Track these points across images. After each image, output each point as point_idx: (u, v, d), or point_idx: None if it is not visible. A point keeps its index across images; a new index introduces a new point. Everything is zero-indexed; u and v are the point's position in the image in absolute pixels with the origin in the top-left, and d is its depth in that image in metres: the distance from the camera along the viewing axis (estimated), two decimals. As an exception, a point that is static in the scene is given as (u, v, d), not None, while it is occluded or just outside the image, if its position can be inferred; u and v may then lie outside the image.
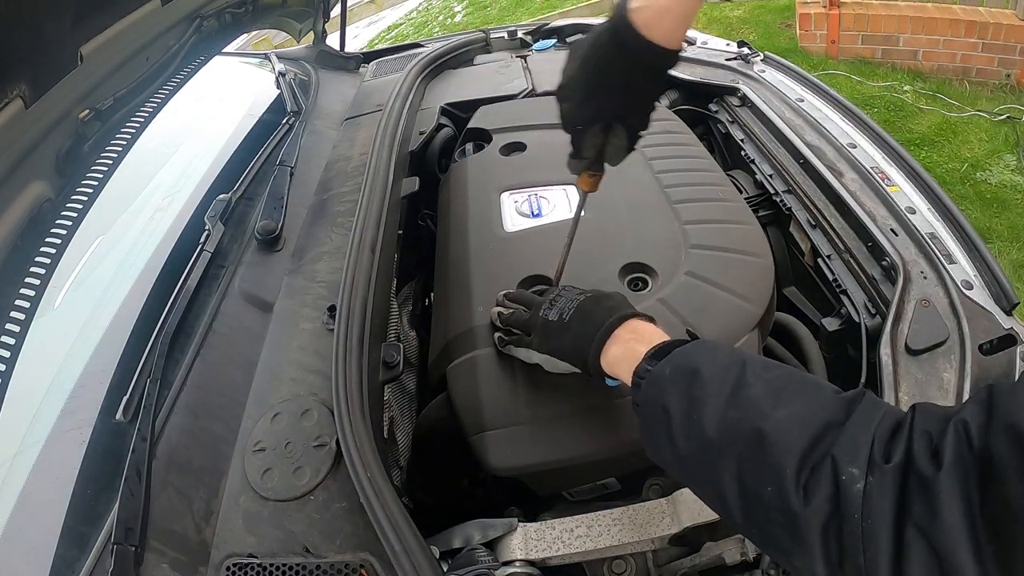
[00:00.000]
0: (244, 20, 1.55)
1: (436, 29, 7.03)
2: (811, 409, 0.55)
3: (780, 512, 0.52)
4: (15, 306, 0.79)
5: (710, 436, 0.58)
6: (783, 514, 0.52)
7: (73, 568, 0.83)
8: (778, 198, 1.29)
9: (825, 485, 0.50)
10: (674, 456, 0.63)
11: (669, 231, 1.08)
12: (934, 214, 1.14)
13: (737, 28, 4.70)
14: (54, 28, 0.82)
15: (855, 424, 0.53)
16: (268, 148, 1.56)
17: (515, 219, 1.17)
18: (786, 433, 0.54)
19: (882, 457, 0.49)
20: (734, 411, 0.58)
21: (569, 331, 0.79)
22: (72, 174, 0.93)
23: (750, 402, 0.58)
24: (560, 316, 0.81)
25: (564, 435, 0.86)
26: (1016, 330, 0.94)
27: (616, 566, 0.85)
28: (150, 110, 1.10)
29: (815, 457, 0.52)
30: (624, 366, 0.71)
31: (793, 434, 0.54)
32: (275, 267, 1.22)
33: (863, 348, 1.01)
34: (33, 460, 0.95)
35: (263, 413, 0.95)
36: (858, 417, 0.53)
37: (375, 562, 0.79)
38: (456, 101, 1.66)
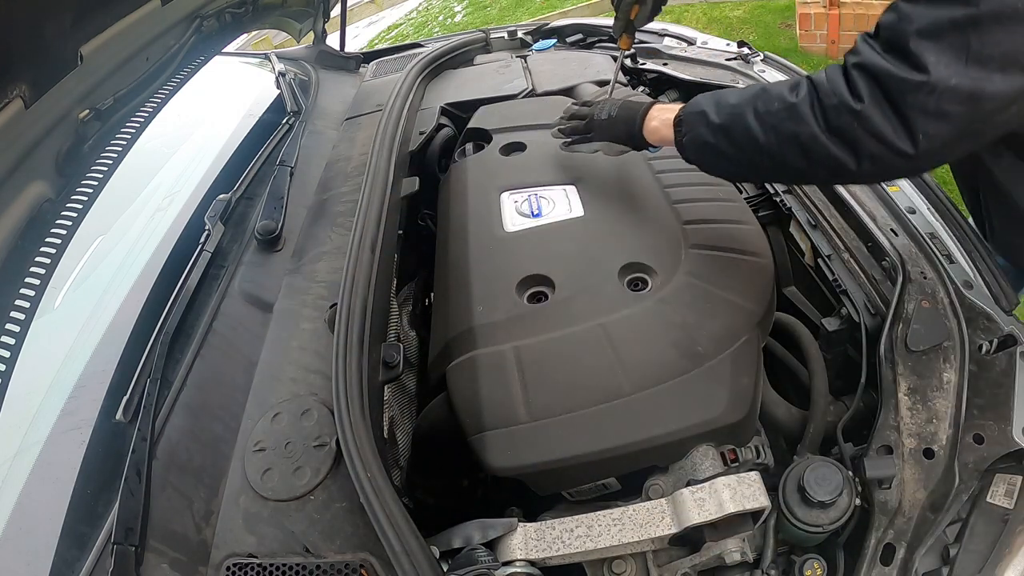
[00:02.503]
0: (244, 20, 1.55)
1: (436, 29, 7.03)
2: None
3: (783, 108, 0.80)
4: (15, 306, 0.79)
5: (733, 103, 0.87)
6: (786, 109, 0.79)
7: (73, 568, 0.83)
8: (778, 198, 1.29)
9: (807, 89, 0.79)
10: (711, 132, 0.89)
11: (669, 231, 1.08)
12: (934, 214, 1.14)
13: (737, 28, 4.70)
14: (54, 28, 0.82)
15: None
16: (268, 148, 1.56)
17: (515, 219, 1.17)
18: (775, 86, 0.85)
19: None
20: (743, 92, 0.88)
21: (619, 120, 1.11)
22: (72, 174, 0.93)
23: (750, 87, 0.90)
24: (609, 114, 1.13)
25: (564, 435, 0.86)
26: (1016, 330, 0.94)
27: (616, 566, 0.85)
28: (150, 110, 1.10)
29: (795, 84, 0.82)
30: (663, 127, 1.03)
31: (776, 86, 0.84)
32: (275, 267, 1.22)
33: (863, 348, 1.01)
34: (33, 460, 0.95)
35: (263, 413, 0.95)
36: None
37: (375, 562, 0.79)
38: (456, 101, 1.66)
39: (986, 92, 0.67)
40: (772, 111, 0.81)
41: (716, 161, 0.93)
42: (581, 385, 0.90)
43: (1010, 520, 0.80)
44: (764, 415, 1.02)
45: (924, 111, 0.69)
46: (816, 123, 0.76)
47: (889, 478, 0.84)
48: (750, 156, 0.86)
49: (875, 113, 0.71)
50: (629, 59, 1.79)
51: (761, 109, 0.83)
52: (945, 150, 0.73)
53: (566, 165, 1.27)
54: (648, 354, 0.91)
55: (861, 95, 0.72)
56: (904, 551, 0.81)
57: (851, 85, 0.73)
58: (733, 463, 0.89)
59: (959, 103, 0.68)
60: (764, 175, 0.97)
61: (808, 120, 0.76)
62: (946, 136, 0.70)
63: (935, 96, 0.68)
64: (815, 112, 0.76)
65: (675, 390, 0.88)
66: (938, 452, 0.86)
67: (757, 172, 0.96)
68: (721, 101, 0.90)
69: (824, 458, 0.84)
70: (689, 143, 0.94)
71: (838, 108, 0.74)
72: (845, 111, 0.73)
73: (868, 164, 0.74)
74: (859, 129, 0.72)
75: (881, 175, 0.80)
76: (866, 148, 0.73)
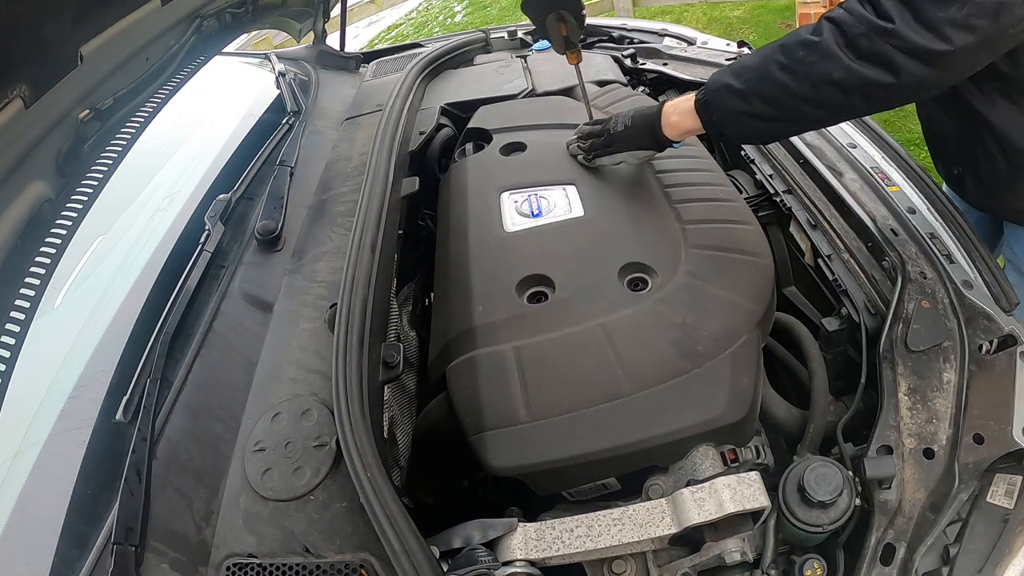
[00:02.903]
0: (244, 20, 1.55)
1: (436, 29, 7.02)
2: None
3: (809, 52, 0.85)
4: (15, 306, 0.79)
5: (753, 66, 0.92)
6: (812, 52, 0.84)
7: (73, 568, 0.83)
8: (778, 198, 1.29)
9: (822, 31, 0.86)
10: (742, 99, 0.93)
11: (669, 231, 1.08)
12: (934, 214, 1.14)
13: (737, 28, 4.70)
14: (54, 28, 0.82)
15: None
16: (268, 148, 1.56)
17: (515, 219, 1.17)
18: (790, 37, 0.90)
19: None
20: (757, 55, 0.93)
21: (636, 128, 1.13)
22: (72, 174, 0.93)
23: (760, 49, 0.95)
24: (624, 124, 1.15)
25: (564, 435, 0.86)
26: (1016, 330, 0.94)
27: (616, 566, 0.84)
28: (150, 110, 1.10)
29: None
30: (684, 119, 1.05)
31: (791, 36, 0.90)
32: (275, 267, 1.22)
33: (863, 348, 1.01)
34: (33, 460, 0.95)
35: (263, 413, 0.95)
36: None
37: (375, 562, 0.79)
38: (456, 101, 1.66)
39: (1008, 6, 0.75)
40: (798, 58, 0.86)
41: (755, 126, 0.95)
42: (581, 385, 0.90)
43: (1010, 520, 0.80)
44: (764, 415, 1.02)
45: (953, 23, 0.76)
46: (846, 55, 0.81)
47: (889, 478, 0.84)
48: (788, 109, 0.90)
49: (907, 30, 0.77)
50: (629, 59, 1.79)
51: (786, 60, 0.87)
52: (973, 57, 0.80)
53: (566, 165, 1.27)
54: (648, 354, 0.91)
55: (891, 16, 0.78)
56: (904, 551, 0.81)
57: (879, 9, 0.79)
58: (733, 463, 0.89)
59: (984, 16, 0.76)
60: (806, 123, 0.98)
61: (837, 55, 0.82)
62: (972, 46, 0.77)
63: (964, 10, 0.75)
64: (840, 46, 0.81)
65: (675, 390, 0.88)
66: (938, 452, 0.86)
67: (798, 123, 0.97)
68: (740, 69, 0.94)
69: (824, 458, 0.84)
70: (722, 119, 0.97)
71: (868, 35, 0.79)
72: (878, 34, 0.79)
73: (907, 78, 0.80)
74: (892, 48, 0.78)
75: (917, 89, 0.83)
76: (902, 63, 0.79)
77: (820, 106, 0.88)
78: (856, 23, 0.81)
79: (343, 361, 0.91)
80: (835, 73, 0.82)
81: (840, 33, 0.82)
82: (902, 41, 0.78)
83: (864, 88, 0.82)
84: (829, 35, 0.83)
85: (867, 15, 0.80)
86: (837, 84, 0.83)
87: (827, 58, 0.83)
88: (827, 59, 0.83)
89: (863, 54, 0.80)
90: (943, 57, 0.77)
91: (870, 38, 0.79)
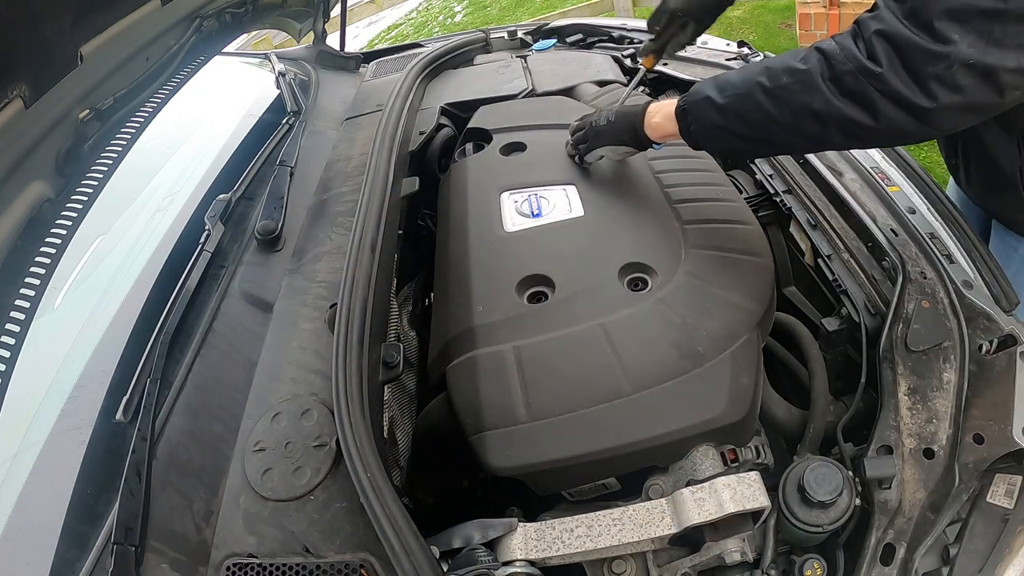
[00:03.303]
0: (244, 20, 1.55)
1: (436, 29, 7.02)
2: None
3: (793, 80, 0.83)
4: (15, 306, 0.79)
5: (737, 82, 0.91)
6: (796, 81, 0.83)
7: (73, 568, 0.83)
8: (778, 198, 1.29)
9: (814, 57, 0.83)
10: (720, 114, 0.92)
11: (669, 231, 1.08)
12: (934, 214, 1.14)
13: (737, 28, 4.70)
14: (54, 28, 0.82)
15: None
16: (268, 148, 1.56)
17: (515, 219, 1.17)
18: (777, 60, 0.89)
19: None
20: (744, 72, 0.92)
21: (618, 123, 1.13)
22: (72, 174, 0.93)
23: (749, 65, 0.96)
24: (608, 120, 1.15)
25: (564, 435, 0.86)
26: (1016, 330, 0.94)
27: (616, 566, 0.84)
28: (150, 110, 1.10)
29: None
30: (665, 122, 1.04)
31: (778, 59, 0.89)
32: (275, 267, 1.22)
33: (863, 348, 1.01)
34: (33, 460, 0.95)
35: (263, 413, 0.95)
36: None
37: (375, 562, 0.79)
38: (456, 101, 1.66)
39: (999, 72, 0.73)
40: (781, 84, 0.85)
41: (731, 143, 0.95)
42: (581, 385, 0.90)
43: (1010, 520, 0.80)
44: (764, 415, 1.02)
45: (940, 80, 0.74)
46: (828, 89, 0.80)
47: (889, 478, 0.84)
48: (765, 131, 0.89)
49: (893, 77, 0.76)
50: (629, 59, 1.79)
51: (770, 84, 0.86)
52: (955, 117, 0.78)
53: (566, 165, 1.27)
54: (648, 354, 0.91)
55: (880, 60, 0.77)
56: (904, 551, 0.81)
57: (870, 50, 0.78)
58: (733, 463, 0.89)
59: (973, 77, 0.74)
60: (779, 148, 0.98)
61: (820, 88, 0.81)
62: (957, 105, 0.76)
63: (953, 69, 0.73)
64: (825, 80, 0.80)
65: (675, 390, 0.88)
66: (938, 452, 0.86)
67: (774, 146, 0.98)
68: (723, 84, 0.93)
69: (824, 458, 0.84)
70: (698, 130, 0.97)
71: (854, 73, 0.78)
72: (863, 75, 0.78)
73: (886, 125, 0.79)
74: (875, 92, 0.77)
75: (894, 135, 0.82)
76: (882, 108, 0.78)
77: (797, 134, 0.87)
78: (845, 60, 0.79)
79: (343, 361, 0.91)
80: (815, 104, 0.81)
81: (827, 66, 0.81)
82: (886, 86, 0.77)
83: (842, 124, 0.82)
84: (816, 65, 0.82)
85: (856, 53, 0.79)
86: (816, 116, 0.82)
87: (809, 88, 0.82)
88: (809, 89, 0.82)
89: (846, 91, 0.79)
90: (925, 112, 0.76)
91: (856, 77, 0.78)
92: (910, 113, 0.77)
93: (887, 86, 0.76)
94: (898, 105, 0.77)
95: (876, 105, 0.78)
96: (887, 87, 0.76)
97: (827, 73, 0.80)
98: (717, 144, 1.00)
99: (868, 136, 0.83)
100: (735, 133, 0.92)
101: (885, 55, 0.76)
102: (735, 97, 0.90)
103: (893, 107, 0.77)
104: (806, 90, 0.82)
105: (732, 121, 0.91)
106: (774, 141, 0.92)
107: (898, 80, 0.76)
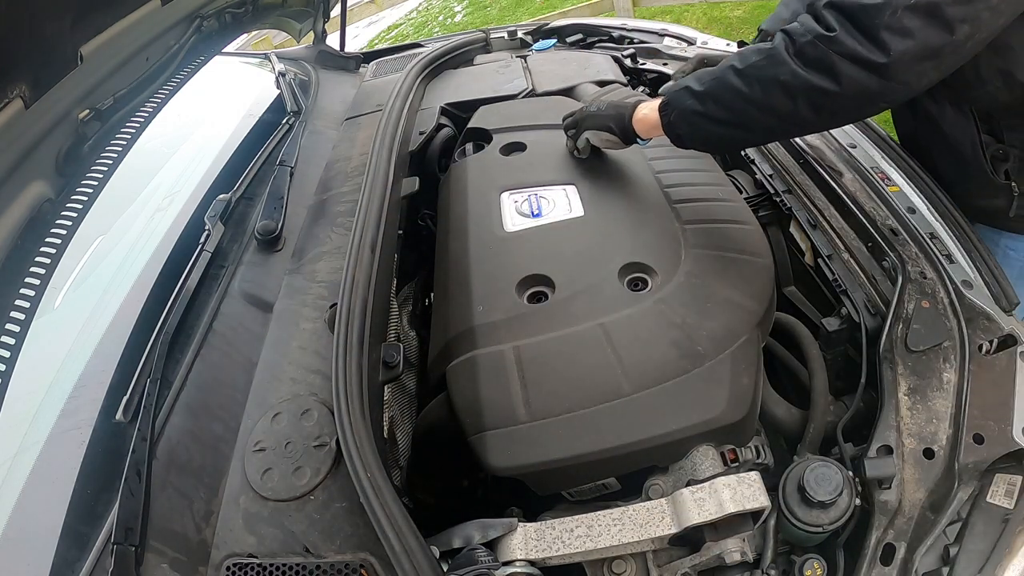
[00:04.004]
0: (244, 20, 1.55)
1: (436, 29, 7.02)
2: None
3: (762, 57, 0.89)
4: (15, 306, 0.79)
5: (713, 69, 0.96)
6: (764, 57, 0.89)
7: (73, 568, 0.83)
8: (778, 198, 1.29)
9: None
10: (699, 100, 0.96)
11: (669, 231, 1.08)
12: (934, 214, 1.14)
13: (737, 28, 4.70)
14: (54, 28, 0.82)
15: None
16: (268, 148, 1.56)
17: (515, 219, 1.17)
18: (750, 47, 0.97)
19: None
20: (721, 63, 0.96)
21: (608, 111, 1.16)
22: (72, 174, 0.93)
23: (728, 56, 0.98)
24: (598, 108, 1.19)
25: (564, 435, 0.86)
26: (1016, 330, 0.93)
27: (616, 566, 0.84)
28: (150, 110, 1.10)
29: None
30: (651, 114, 1.06)
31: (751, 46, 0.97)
32: (275, 267, 1.22)
33: (863, 348, 1.01)
34: (33, 460, 0.95)
35: (263, 413, 0.95)
36: None
37: (375, 562, 0.79)
38: (456, 101, 1.66)
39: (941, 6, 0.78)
40: (751, 63, 0.90)
41: (708, 128, 0.98)
42: (581, 385, 0.90)
43: (1010, 520, 0.80)
44: (764, 415, 1.02)
45: (889, 29, 0.79)
46: (793, 61, 0.85)
47: (889, 478, 0.84)
48: (740, 113, 0.93)
49: (847, 37, 0.81)
50: (629, 59, 1.79)
51: (741, 65, 0.91)
52: (913, 67, 0.81)
53: (566, 165, 1.27)
54: (648, 354, 0.91)
55: (833, 26, 0.83)
56: (904, 551, 0.81)
57: (824, 21, 0.84)
58: (733, 463, 0.89)
59: (919, 18, 0.78)
60: (756, 131, 0.99)
61: (786, 60, 0.86)
62: (912, 52, 0.80)
63: (898, 14, 0.78)
64: (790, 52, 0.86)
65: (675, 390, 0.88)
66: (938, 452, 0.86)
67: (749, 129, 0.98)
68: (701, 75, 0.98)
69: (824, 458, 0.84)
70: (677, 118, 1.01)
71: (813, 42, 0.84)
72: (821, 42, 0.83)
73: (849, 87, 0.83)
74: (834, 55, 0.82)
75: (861, 99, 0.86)
76: (843, 70, 0.82)
77: (768, 111, 0.90)
78: (805, 32, 0.85)
79: (343, 361, 0.91)
80: (782, 75, 0.86)
81: (790, 41, 0.86)
82: (842, 47, 0.81)
83: (809, 94, 0.86)
84: (780, 42, 0.87)
85: (814, 25, 0.85)
86: (784, 88, 0.87)
87: (776, 62, 0.87)
88: (776, 63, 0.87)
89: (809, 60, 0.84)
90: (883, 67, 0.80)
91: (815, 45, 0.84)
92: (869, 70, 0.81)
93: (843, 47, 0.81)
94: (856, 63, 0.81)
95: (837, 68, 0.82)
96: (843, 48, 0.81)
97: (791, 48, 0.86)
98: (696, 132, 1.01)
99: (835, 105, 0.86)
100: (712, 117, 0.96)
101: (837, 21, 0.82)
102: (711, 82, 0.95)
103: (852, 66, 0.82)
104: (773, 64, 0.87)
105: (709, 105, 0.95)
106: (748, 124, 0.95)
107: (852, 39, 0.81)
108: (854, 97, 0.85)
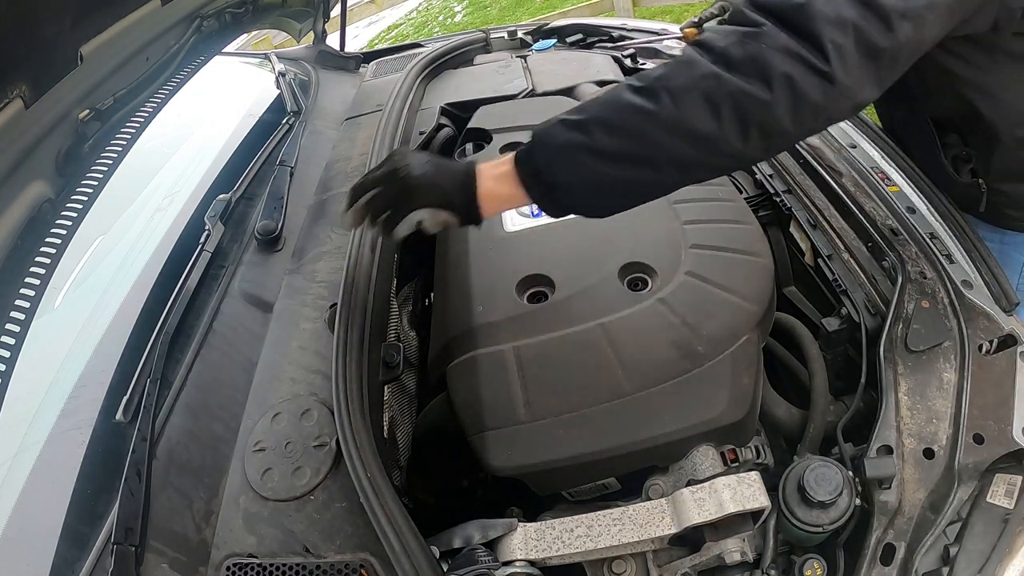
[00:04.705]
0: (244, 20, 1.54)
1: (436, 29, 7.02)
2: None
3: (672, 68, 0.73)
4: (15, 306, 0.79)
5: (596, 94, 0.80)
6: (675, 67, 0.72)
7: (73, 568, 0.83)
8: (778, 198, 1.29)
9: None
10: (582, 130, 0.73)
11: (669, 231, 1.08)
12: (934, 214, 1.14)
13: (737, 28, 4.69)
14: (54, 28, 0.82)
15: None
16: (268, 148, 1.56)
17: (515, 219, 1.17)
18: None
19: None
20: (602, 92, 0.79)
21: (439, 180, 0.83)
22: (72, 174, 0.93)
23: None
24: (423, 171, 0.83)
25: (564, 435, 0.86)
26: (1016, 330, 0.93)
27: (616, 566, 0.84)
28: (150, 110, 1.10)
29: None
30: (502, 180, 0.79)
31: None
32: (275, 267, 1.22)
33: (863, 348, 1.01)
34: (33, 460, 0.95)
35: (263, 413, 0.95)
36: None
37: (375, 562, 0.79)
38: (456, 101, 1.66)
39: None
40: (657, 76, 0.72)
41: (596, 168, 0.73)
42: (581, 385, 0.90)
43: (1010, 520, 0.80)
44: (764, 415, 1.02)
45: (825, 19, 0.66)
46: (716, 67, 0.68)
47: (889, 478, 0.84)
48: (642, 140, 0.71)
49: (779, 33, 0.67)
50: (629, 59, 1.79)
51: (640, 83, 0.72)
52: (859, 70, 0.68)
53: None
54: (648, 354, 0.91)
55: (761, 22, 0.69)
56: (904, 551, 0.81)
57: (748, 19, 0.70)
58: (733, 463, 0.89)
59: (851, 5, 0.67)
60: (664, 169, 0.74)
61: (703, 62, 0.69)
62: (851, 48, 0.67)
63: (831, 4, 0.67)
64: (709, 62, 0.69)
65: (675, 390, 0.88)
66: (938, 452, 0.86)
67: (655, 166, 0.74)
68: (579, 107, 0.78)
69: (824, 458, 0.84)
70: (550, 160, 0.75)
71: (740, 41, 0.69)
72: (749, 38, 0.68)
73: (783, 90, 0.67)
74: (767, 49, 0.67)
75: (801, 105, 0.68)
76: (778, 67, 0.67)
77: (683, 134, 0.70)
78: (724, 36, 0.70)
79: (343, 361, 0.91)
80: (702, 81, 0.69)
81: (707, 49, 0.70)
82: (777, 41, 0.67)
83: (737, 104, 0.68)
84: (693, 53, 0.71)
85: (735, 28, 0.70)
86: (705, 97, 0.68)
87: (692, 66, 0.70)
88: (692, 66, 0.70)
89: (734, 63, 0.68)
90: (826, 70, 0.67)
91: (742, 43, 0.68)
92: (810, 69, 0.67)
93: (776, 40, 0.67)
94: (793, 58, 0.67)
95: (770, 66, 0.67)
96: (777, 41, 0.67)
97: (709, 56, 0.70)
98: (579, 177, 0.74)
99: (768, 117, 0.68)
100: (602, 151, 0.72)
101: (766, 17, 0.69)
102: (598, 106, 0.74)
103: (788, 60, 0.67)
104: (690, 68, 0.70)
105: (598, 134, 0.72)
106: (655, 157, 0.72)
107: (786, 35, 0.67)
108: (793, 104, 0.68)
